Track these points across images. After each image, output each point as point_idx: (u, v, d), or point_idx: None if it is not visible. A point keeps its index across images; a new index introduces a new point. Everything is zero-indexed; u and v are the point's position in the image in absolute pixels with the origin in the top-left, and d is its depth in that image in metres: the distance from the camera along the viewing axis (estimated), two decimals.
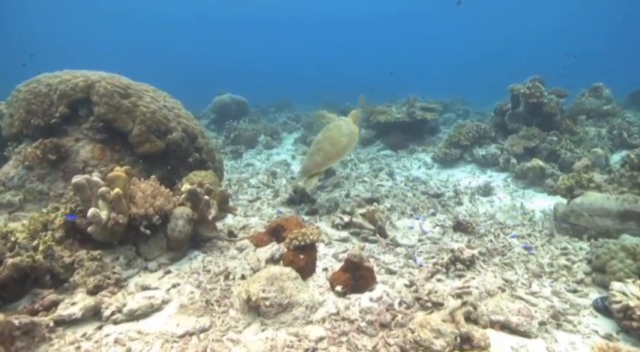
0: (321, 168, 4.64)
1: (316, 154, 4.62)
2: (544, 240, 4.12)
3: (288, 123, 12.19)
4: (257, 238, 3.55)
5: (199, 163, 4.79)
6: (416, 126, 9.02)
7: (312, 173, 4.64)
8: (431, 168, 7.45)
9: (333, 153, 4.60)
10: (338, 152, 4.63)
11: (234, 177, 6.85)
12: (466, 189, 6.15)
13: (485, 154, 7.16)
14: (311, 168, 4.63)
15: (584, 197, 4.21)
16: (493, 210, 5.22)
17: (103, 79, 4.17)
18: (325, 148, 4.60)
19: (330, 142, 4.64)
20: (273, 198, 5.62)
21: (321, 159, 4.59)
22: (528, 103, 7.43)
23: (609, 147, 7.01)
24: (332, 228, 4.33)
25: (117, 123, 4.09)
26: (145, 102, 4.34)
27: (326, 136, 4.72)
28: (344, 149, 4.67)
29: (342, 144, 4.65)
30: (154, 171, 4.40)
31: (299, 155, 8.56)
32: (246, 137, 9.62)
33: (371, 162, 7.88)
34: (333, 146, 4.62)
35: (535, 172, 6.13)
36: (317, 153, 4.62)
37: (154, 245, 3.23)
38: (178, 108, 4.91)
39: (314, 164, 4.61)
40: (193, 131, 4.78)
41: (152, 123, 4.26)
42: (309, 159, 4.66)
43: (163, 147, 4.33)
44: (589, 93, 8.70)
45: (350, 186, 6.23)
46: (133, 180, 3.15)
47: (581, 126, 7.62)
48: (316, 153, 4.63)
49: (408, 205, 5.21)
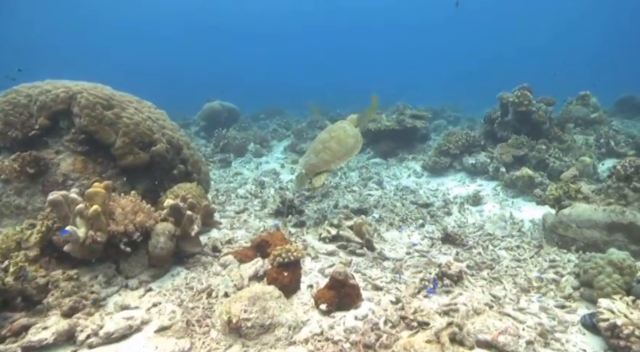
0: (329, 166, 4.75)
1: (323, 153, 4.70)
2: (532, 251, 4.09)
3: (278, 130, 12.14)
4: (241, 253, 3.47)
5: (185, 175, 4.71)
6: (406, 134, 9.01)
7: (320, 171, 4.70)
8: (420, 177, 7.43)
9: (341, 153, 4.75)
10: (346, 152, 4.79)
11: (222, 187, 6.77)
12: (455, 198, 6.13)
13: (475, 163, 7.15)
14: (319, 166, 4.71)
15: (572, 208, 4.20)
16: (482, 220, 5.20)
17: (85, 90, 4.08)
18: (333, 147, 4.71)
19: (338, 142, 4.75)
20: (260, 209, 5.55)
21: (329, 158, 4.69)
22: (517, 112, 7.45)
23: (597, 155, 7.05)
24: (319, 240, 4.28)
25: (99, 135, 4.00)
26: (128, 114, 4.26)
27: (332, 136, 4.81)
28: (351, 150, 4.83)
29: (349, 145, 4.80)
30: (138, 183, 4.32)
31: (288, 164, 8.50)
32: (236, 145, 9.54)
33: (360, 171, 7.84)
34: (340, 146, 4.74)
35: (524, 181, 6.12)
36: (324, 151, 4.71)
37: (135, 262, 3.14)
38: (163, 119, 4.83)
39: (322, 162, 4.69)
40: (178, 142, 4.70)
41: (136, 135, 4.17)
42: (317, 158, 4.71)
43: (147, 159, 4.25)
44: (576, 102, 8.76)
45: (339, 195, 6.18)
46: (112, 196, 3.07)
47: (570, 135, 7.66)
48: (323, 151, 4.71)
49: (396, 216, 5.17)
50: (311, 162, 4.74)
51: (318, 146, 4.81)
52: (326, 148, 4.72)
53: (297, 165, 4.96)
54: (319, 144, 4.81)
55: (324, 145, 4.76)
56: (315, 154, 4.75)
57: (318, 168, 4.70)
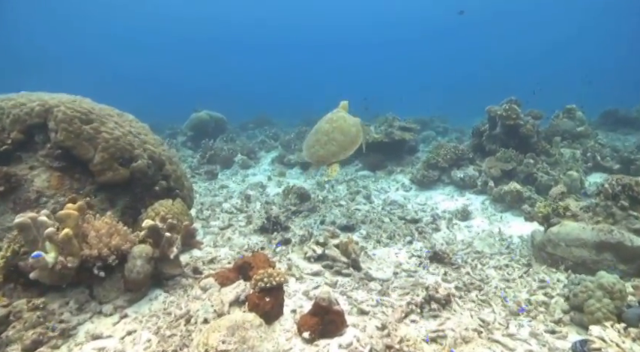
0: (338, 156, 4.75)
1: (329, 144, 4.71)
2: (522, 271, 4.03)
3: (266, 141, 12.03)
4: (223, 276, 3.34)
5: (167, 191, 4.57)
6: (394, 146, 8.97)
7: (329, 162, 4.75)
8: (409, 190, 7.36)
9: (346, 143, 4.76)
10: (351, 141, 4.80)
11: (208, 201, 6.63)
12: (444, 212, 6.07)
13: (464, 176, 7.12)
14: (328, 158, 4.73)
15: (561, 226, 4.15)
16: (471, 237, 5.13)
17: (63, 104, 3.94)
18: (338, 138, 4.72)
19: (341, 132, 4.76)
20: (245, 224, 5.43)
21: (336, 149, 4.70)
22: (505, 125, 7.45)
23: (583, 169, 7.06)
24: (304, 259, 4.16)
25: (77, 150, 3.85)
26: (108, 128, 4.12)
27: (334, 127, 4.80)
28: (355, 138, 4.85)
29: (352, 134, 4.82)
30: (118, 199, 4.18)
31: (275, 176, 8.38)
32: (222, 157, 9.40)
33: (349, 184, 7.76)
34: (344, 136, 4.76)
35: (512, 196, 6.09)
36: (330, 143, 4.71)
37: (110, 286, 2.99)
38: (145, 133, 4.70)
39: (330, 154, 4.71)
40: (161, 157, 4.56)
41: (116, 151, 4.03)
42: (324, 149, 4.72)
43: (128, 175, 4.11)
44: (563, 115, 8.81)
45: (326, 210, 6.08)
46: (86, 218, 2.93)
47: (557, 148, 7.68)
48: (329, 143, 4.71)
49: (384, 232, 5.08)
50: (319, 153, 4.74)
51: (322, 137, 4.79)
52: (331, 139, 4.73)
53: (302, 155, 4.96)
54: (323, 136, 4.79)
55: (328, 137, 4.76)
56: (321, 146, 4.74)
57: (328, 160, 4.74)
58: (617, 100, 14.83)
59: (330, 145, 4.71)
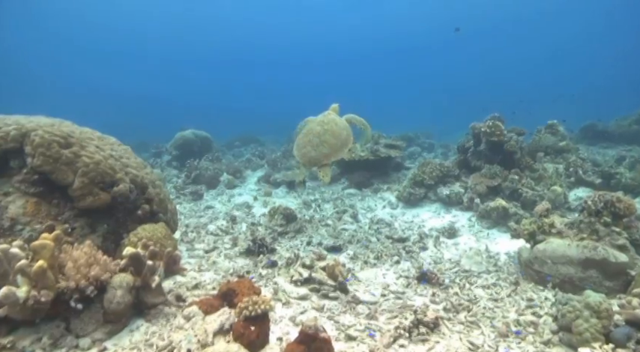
0: (329, 159, 4.97)
1: (322, 146, 4.89)
2: (509, 289, 4.01)
3: (252, 160, 11.98)
4: (206, 303, 3.24)
5: (150, 215, 4.47)
6: (380, 164, 9.00)
7: (320, 164, 4.94)
8: (396, 208, 7.35)
9: (337, 146, 4.98)
10: (342, 144, 5.03)
11: (193, 222, 6.52)
12: (431, 230, 6.06)
13: (450, 193, 7.15)
14: (320, 160, 4.92)
15: (547, 244, 4.16)
16: (458, 255, 5.11)
17: (40, 128, 3.85)
18: (329, 141, 4.92)
19: (332, 135, 4.96)
20: (231, 247, 5.34)
21: (328, 151, 4.90)
22: (489, 141, 7.53)
23: (567, 184, 7.15)
24: (291, 283, 4.08)
25: (55, 175, 3.76)
26: (88, 152, 4.04)
27: (326, 129, 4.99)
28: (345, 141, 5.09)
29: (343, 137, 5.05)
30: (99, 224, 4.07)
31: (261, 196, 8.30)
32: (208, 176, 9.30)
33: (335, 202, 7.72)
34: (335, 138, 4.96)
35: (498, 212, 6.13)
36: (322, 145, 4.90)
37: (89, 318, 2.88)
38: (127, 156, 4.62)
39: (322, 155, 4.90)
40: (143, 181, 4.48)
41: (96, 175, 3.94)
42: (316, 151, 4.90)
43: (109, 199, 4.01)
44: (545, 130, 8.96)
45: (313, 230, 6.02)
46: (64, 247, 2.83)
47: (540, 164, 7.78)
48: (321, 145, 4.90)
49: (371, 253, 5.04)
50: (311, 155, 4.89)
51: (314, 139, 4.94)
52: (323, 141, 4.90)
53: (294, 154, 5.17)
54: (315, 138, 4.95)
55: (320, 139, 4.92)
56: (314, 148, 4.89)
57: (319, 162, 4.91)
58: (596, 114, 15.24)
59: (322, 147, 4.88)
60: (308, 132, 5.09)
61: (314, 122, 5.19)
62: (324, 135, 4.92)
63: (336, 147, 4.94)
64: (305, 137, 5.07)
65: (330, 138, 4.91)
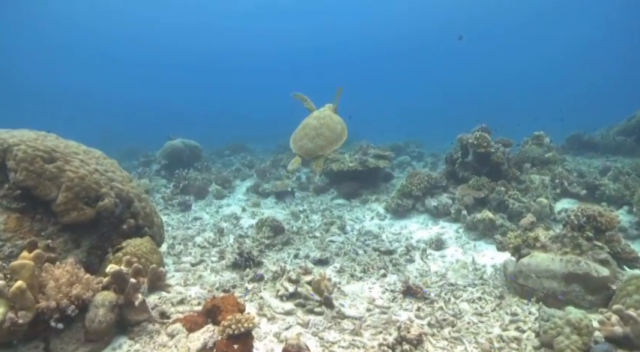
0: (325, 151, 5.15)
1: (317, 139, 5.11)
2: (494, 303, 4.04)
3: (241, 169, 11.96)
4: (190, 321, 3.23)
5: (135, 229, 4.44)
6: (369, 174, 9.03)
7: (316, 156, 5.11)
8: (384, 219, 7.38)
9: (332, 138, 5.18)
10: (337, 137, 5.23)
11: (180, 234, 6.48)
12: (418, 242, 6.09)
13: (437, 205, 7.19)
14: (316, 151, 5.10)
15: (531, 258, 4.21)
16: (444, 268, 5.14)
17: (23, 142, 3.82)
18: (325, 134, 5.14)
19: (328, 129, 5.19)
20: (218, 259, 5.32)
21: (323, 143, 5.10)
22: (477, 153, 7.61)
23: (553, 195, 7.24)
24: (277, 298, 4.08)
25: (38, 190, 3.73)
26: (73, 167, 4.01)
27: (322, 123, 5.23)
28: (340, 135, 5.27)
29: (338, 131, 5.26)
30: (83, 239, 4.04)
31: (249, 207, 8.29)
32: (196, 187, 9.27)
33: (324, 213, 7.73)
34: (331, 132, 5.18)
35: (485, 224, 6.18)
36: (318, 137, 5.11)
37: (69, 338, 2.84)
38: (113, 170, 4.59)
39: (318, 147, 5.10)
40: (129, 195, 4.45)
41: (80, 190, 3.92)
42: (312, 143, 5.10)
43: (93, 214, 3.98)
44: (532, 141, 9.09)
45: (300, 242, 6.02)
46: (45, 266, 2.80)
47: (527, 175, 7.87)
48: (317, 137, 5.11)
49: (358, 266, 5.05)
50: (307, 146, 5.11)
51: (310, 132, 5.18)
52: (319, 134, 5.12)
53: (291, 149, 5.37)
54: (311, 131, 5.19)
55: (316, 132, 5.15)
56: (310, 140, 5.13)
57: (315, 153, 5.11)
58: (581, 125, 15.50)
59: (319, 139, 5.09)
60: (304, 125, 5.33)
61: (310, 117, 5.44)
62: (320, 129, 5.15)
63: (332, 140, 5.16)
64: (302, 130, 5.29)
65: (325, 131, 5.15)
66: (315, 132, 5.14)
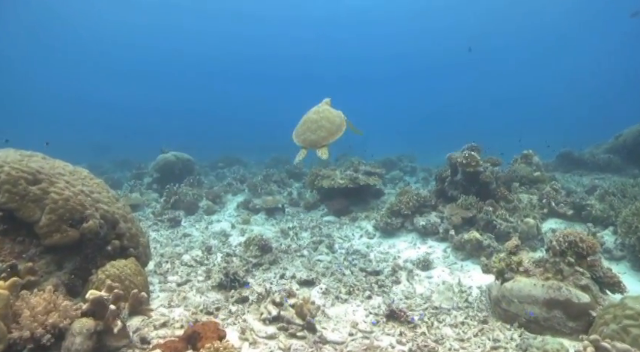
0: (327, 141, 5.53)
1: (319, 131, 5.54)
2: (477, 328, 4.05)
3: (232, 184, 11.96)
4: (170, 347, 3.21)
5: (121, 250, 4.44)
6: (359, 191, 9.07)
7: (320, 146, 5.53)
8: (373, 238, 7.40)
9: (333, 129, 5.58)
10: (336, 128, 5.62)
11: (168, 252, 6.45)
12: (406, 262, 6.10)
13: (426, 224, 7.23)
14: (319, 142, 5.53)
15: (514, 282, 4.23)
16: (430, 290, 5.15)
17: (7, 164, 3.83)
18: (326, 126, 5.56)
19: (328, 121, 5.61)
20: (204, 279, 5.30)
21: (325, 134, 5.52)
22: (465, 172, 7.68)
23: (540, 215, 7.30)
24: (260, 321, 4.07)
25: (21, 212, 3.73)
26: (57, 188, 4.02)
27: (322, 116, 5.68)
28: (339, 127, 5.66)
29: (337, 123, 5.65)
30: (66, 261, 4.03)
31: (239, 224, 8.28)
32: (187, 202, 9.26)
33: (313, 231, 7.74)
34: (331, 124, 5.60)
35: (472, 244, 6.22)
36: (319, 129, 5.55)
37: None
38: (99, 191, 4.60)
39: (320, 138, 5.52)
40: (114, 216, 4.45)
41: (65, 212, 3.92)
42: (315, 135, 5.54)
43: (77, 236, 3.97)
44: (520, 160, 9.18)
45: (288, 262, 6.02)
46: (22, 294, 2.80)
47: (515, 194, 7.93)
48: (319, 129, 5.55)
49: (344, 287, 5.05)
50: (311, 138, 5.55)
51: (311, 126, 5.62)
52: (320, 127, 5.55)
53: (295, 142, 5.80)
54: (312, 124, 5.62)
55: (317, 124, 5.59)
56: (312, 132, 5.56)
57: (319, 144, 5.53)
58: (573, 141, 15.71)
59: (320, 131, 5.52)
60: (305, 120, 5.74)
61: (310, 112, 5.85)
62: (320, 121, 5.59)
63: (332, 131, 5.56)
64: (303, 125, 5.70)
65: (326, 123, 5.57)
66: (316, 125, 5.57)
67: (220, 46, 53.01)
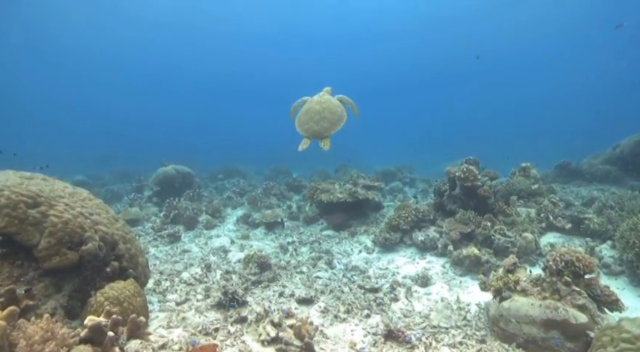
0: (329, 131, 5.87)
1: (322, 121, 5.82)
2: (475, 348, 4.05)
3: (232, 197, 11.98)
4: None
5: (120, 271, 4.45)
6: (358, 205, 9.09)
7: (322, 136, 5.85)
8: (372, 253, 7.41)
9: (335, 120, 5.90)
10: (339, 118, 5.94)
11: (167, 269, 6.46)
12: (405, 278, 6.11)
13: (424, 239, 7.24)
14: (322, 133, 5.83)
15: (512, 302, 4.24)
16: (429, 308, 5.15)
17: (7, 188, 3.87)
18: (328, 116, 5.84)
19: (330, 112, 5.89)
20: (203, 298, 5.31)
21: (328, 125, 5.83)
22: (464, 186, 7.71)
23: (538, 229, 7.31)
24: (258, 342, 4.07)
25: (20, 236, 3.76)
26: (57, 211, 4.05)
27: (324, 107, 5.95)
28: (341, 117, 5.97)
29: (339, 113, 5.97)
30: (65, 284, 4.05)
31: (239, 239, 8.28)
32: (186, 217, 9.27)
33: (312, 246, 7.75)
34: (333, 114, 5.90)
35: (471, 260, 6.23)
36: (323, 120, 5.82)
37: None
38: (98, 212, 4.63)
39: (323, 129, 5.83)
40: (113, 237, 4.48)
41: (64, 235, 3.95)
42: (318, 125, 5.85)
43: (76, 259, 4.00)
44: (518, 173, 9.20)
45: (287, 279, 6.02)
46: (19, 323, 2.81)
47: (514, 208, 7.95)
48: (322, 120, 5.82)
49: (342, 305, 5.05)
50: (314, 129, 5.84)
51: (314, 116, 5.88)
52: (323, 118, 5.82)
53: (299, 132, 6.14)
54: (315, 115, 5.88)
55: (320, 116, 5.86)
56: (316, 123, 5.83)
57: (322, 134, 5.82)
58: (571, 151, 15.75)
59: (323, 122, 5.79)
60: (308, 110, 5.99)
61: (312, 102, 6.07)
62: (323, 112, 5.84)
63: (334, 121, 5.85)
64: (306, 115, 5.94)
65: (328, 114, 5.83)
66: (319, 116, 5.83)
67: (221, 64, 53.83)
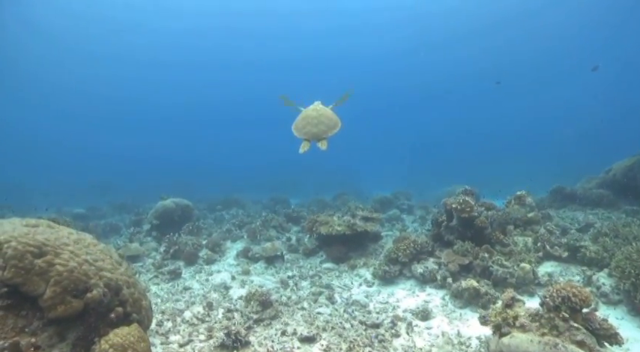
0: (326, 134, 6.34)
1: (320, 125, 6.34)
2: None
3: (232, 230, 12.04)
4: None
5: (124, 316, 4.49)
6: (357, 237, 9.16)
7: (320, 138, 6.31)
8: (372, 286, 7.45)
9: (331, 124, 6.44)
10: (334, 124, 6.50)
11: (169, 308, 6.47)
12: (405, 312, 6.14)
13: (423, 272, 7.30)
14: (320, 135, 6.30)
15: (511, 338, 4.30)
16: (430, 343, 5.18)
17: (14, 238, 3.94)
18: (325, 121, 6.38)
19: (326, 117, 6.46)
20: (206, 339, 5.33)
21: (325, 128, 6.33)
22: (460, 218, 7.82)
23: (536, 258, 7.38)
24: None
25: (26, 286, 3.81)
26: (62, 260, 4.12)
27: (320, 113, 6.51)
28: (337, 122, 6.55)
29: (334, 119, 6.56)
30: (69, 332, 4.08)
31: (239, 275, 8.31)
32: (187, 252, 9.31)
33: (313, 280, 7.79)
34: (329, 120, 6.47)
35: (470, 293, 6.28)
36: (320, 124, 6.34)
37: None
38: (102, 258, 4.69)
39: (321, 131, 6.32)
40: (117, 283, 4.53)
41: (69, 283, 4.01)
42: (317, 128, 6.33)
43: (81, 307, 4.04)
44: (514, 202, 9.34)
45: (288, 316, 6.05)
46: None
47: (511, 237, 8.05)
48: (320, 124, 6.34)
49: (344, 343, 5.08)
50: (313, 131, 6.32)
51: (312, 121, 6.39)
52: (320, 122, 6.35)
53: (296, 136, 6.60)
54: (312, 119, 6.40)
55: (317, 120, 6.38)
56: (314, 126, 6.32)
57: (320, 136, 6.29)
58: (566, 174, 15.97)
59: (321, 125, 6.32)
60: (305, 116, 6.54)
61: (308, 110, 6.68)
62: (320, 117, 6.40)
63: (331, 125, 6.40)
64: (303, 120, 6.49)
65: (325, 119, 6.39)
66: (317, 120, 6.36)
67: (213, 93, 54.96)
